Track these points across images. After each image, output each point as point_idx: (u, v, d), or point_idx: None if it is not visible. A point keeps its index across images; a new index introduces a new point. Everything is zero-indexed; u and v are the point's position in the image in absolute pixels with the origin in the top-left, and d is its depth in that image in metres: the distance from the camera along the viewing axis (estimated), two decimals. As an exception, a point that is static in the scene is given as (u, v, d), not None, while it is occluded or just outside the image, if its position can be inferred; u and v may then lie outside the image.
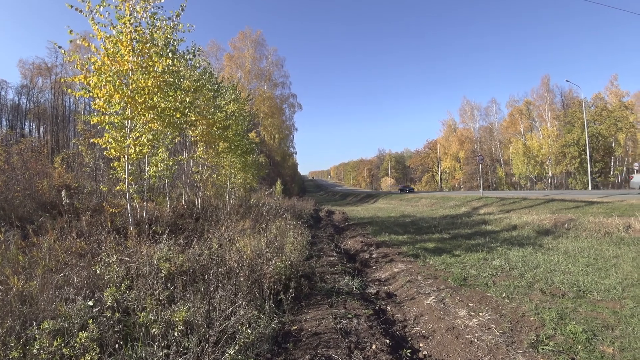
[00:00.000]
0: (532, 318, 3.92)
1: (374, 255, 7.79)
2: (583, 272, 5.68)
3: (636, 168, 38.41)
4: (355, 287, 5.18)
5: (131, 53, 5.72)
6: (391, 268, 6.56)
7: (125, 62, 5.73)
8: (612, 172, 45.26)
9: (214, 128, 10.00)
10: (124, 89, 5.66)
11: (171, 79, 6.41)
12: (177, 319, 2.87)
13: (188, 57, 8.00)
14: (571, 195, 19.02)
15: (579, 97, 44.26)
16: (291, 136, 57.79)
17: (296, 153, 63.39)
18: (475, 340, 3.45)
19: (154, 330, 2.77)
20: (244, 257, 4.42)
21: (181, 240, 5.28)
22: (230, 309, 3.21)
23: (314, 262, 6.68)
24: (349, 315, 3.95)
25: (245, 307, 3.44)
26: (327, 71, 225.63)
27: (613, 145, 44.31)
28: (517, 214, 13.77)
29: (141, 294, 3.26)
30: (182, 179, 11.03)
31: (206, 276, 3.60)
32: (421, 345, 3.57)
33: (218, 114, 10.24)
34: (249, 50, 46.14)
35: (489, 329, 3.69)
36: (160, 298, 3.17)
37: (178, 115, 6.66)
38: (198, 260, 4.28)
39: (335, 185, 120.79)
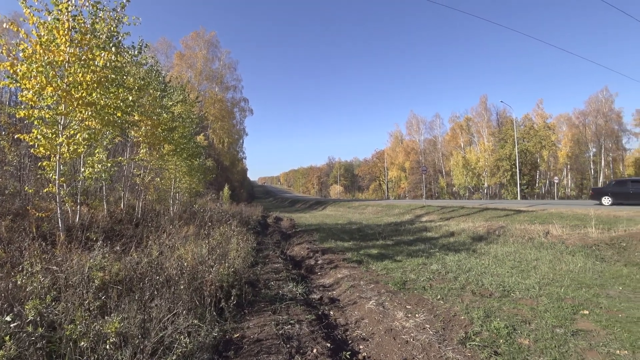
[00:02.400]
0: (462, 317, 4.24)
1: (319, 262, 7.88)
2: (508, 273, 6.26)
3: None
4: (299, 293, 5.23)
5: (68, 43, 5.31)
6: (335, 274, 6.70)
7: (61, 53, 5.30)
8: (537, 184, 50.44)
9: (159, 129, 9.54)
10: (59, 81, 5.23)
11: (113, 75, 6.04)
12: (109, 330, 2.71)
13: (133, 52, 7.60)
14: (503, 204, 20.76)
15: (511, 116, 48.91)
16: (241, 141, 56.34)
17: (246, 158, 62.02)
18: (411, 340, 3.67)
19: (82, 343, 2.59)
20: (185, 264, 4.28)
21: (118, 248, 4.97)
22: (168, 317, 3.10)
23: (259, 269, 6.62)
24: (291, 321, 3.99)
25: (185, 315, 3.35)
26: (280, 78, 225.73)
27: (538, 160, 49.54)
28: (455, 222, 14.72)
29: (69, 305, 3.03)
30: (122, 182, 10.36)
31: (141, 284, 3.44)
32: (361, 347, 3.71)
33: (164, 114, 9.80)
34: (201, 50, 44.53)
35: (424, 328, 3.94)
36: (91, 309, 2.97)
37: (119, 114, 6.29)
38: (136, 268, 4.07)
39: (285, 192, 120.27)
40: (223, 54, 47.37)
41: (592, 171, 53.44)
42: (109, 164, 6.96)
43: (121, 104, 6.29)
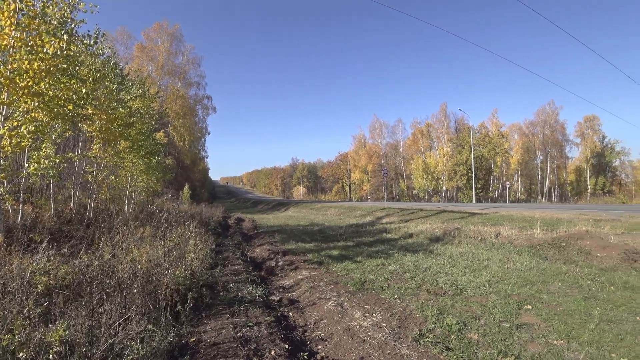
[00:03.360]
0: (417, 315, 4.42)
1: (280, 263, 7.84)
2: (462, 273, 6.58)
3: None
4: (259, 295, 5.19)
5: (14, 27, 4.91)
6: (296, 275, 6.71)
7: (5, 37, 4.90)
8: (491, 188, 53.50)
9: (115, 124, 9.05)
10: (1, 68, 4.83)
11: (64, 65, 5.65)
12: (53, 338, 2.55)
13: (88, 41, 7.16)
14: (459, 207, 21.78)
15: (468, 124, 51.63)
16: (203, 139, 54.60)
17: (207, 157, 60.12)
18: (368, 338, 3.77)
19: (21, 355, 2.40)
20: (139, 267, 4.11)
21: (65, 250, 4.66)
22: (119, 322, 2.97)
23: (218, 271, 6.49)
24: (250, 324, 3.96)
25: (138, 320, 3.22)
26: (246, 79, 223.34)
27: (492, 166, 52.62)
28: (414, 223, 15.22)
29: (7, 313, 2.80)
30: (72, 179, 9.71)
31: (89, 288, 3.25)
32: (319, 347, 3.75)
33: (121, 109, 9.31)
34: (164, 43, 42.61)
35: (381, 327, 4.05)
36: (32, 317, 2.76)
37: (70, 107, 5.90)
38: (85, 272, 3.84)
39: (247, 193, 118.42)
40: (187, 48, 45.83)
41: (540, 177, 57.86)
42: (58, 160, 6.50)
43: (73, 96, 5.90)
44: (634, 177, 57.81)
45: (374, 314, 4.46)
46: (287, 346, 3.52)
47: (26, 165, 6.39)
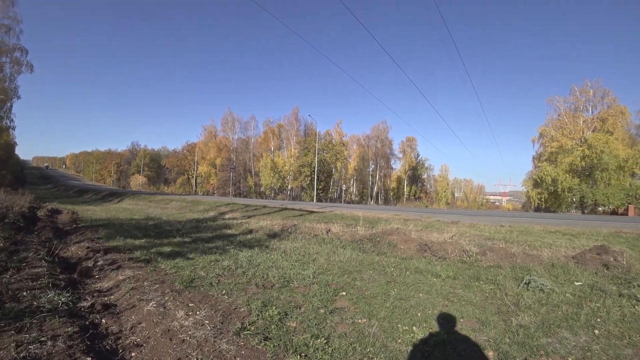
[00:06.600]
0: (242, 309, 4.52)
1: (99, 263, 6.82)
2: (292, 266, 7.01)
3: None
4: (63, 302, 4.40)
5: None
6: (117, 276, 5.96)
7: None
8: (331, 190, 60.13)
9: None
10: None
11: None
12: None
13: None
14: (300, 205, 23.57)
15: (316, 130, 56.59)
16: (9, 104, 41.27)
17: (14, 128, 46.63)
18: (188, 338, 3.67)
19: None
20: None
21: None
22: None
23: (7, 276, 5.20)
24: (42, 339, 3.31)
25: None
26: (79, 39, 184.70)
27: (333, 170, 59.25)
28: (256, 220, 15.67)
29: None
30: None
31: None
32: (133, 354, 3.47)
33: None
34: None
35: (203, 325, 4.00)
36: None
37: None
38: None
39: (72, 179, 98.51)
40: (-8, -27, 33.67)
41: (370, 182, 68.60)
42: None
43: None
44: (435, 188, 76.44)
45: (197, 312, 4.38)
46: (89, 359, 3.14)
47: None
